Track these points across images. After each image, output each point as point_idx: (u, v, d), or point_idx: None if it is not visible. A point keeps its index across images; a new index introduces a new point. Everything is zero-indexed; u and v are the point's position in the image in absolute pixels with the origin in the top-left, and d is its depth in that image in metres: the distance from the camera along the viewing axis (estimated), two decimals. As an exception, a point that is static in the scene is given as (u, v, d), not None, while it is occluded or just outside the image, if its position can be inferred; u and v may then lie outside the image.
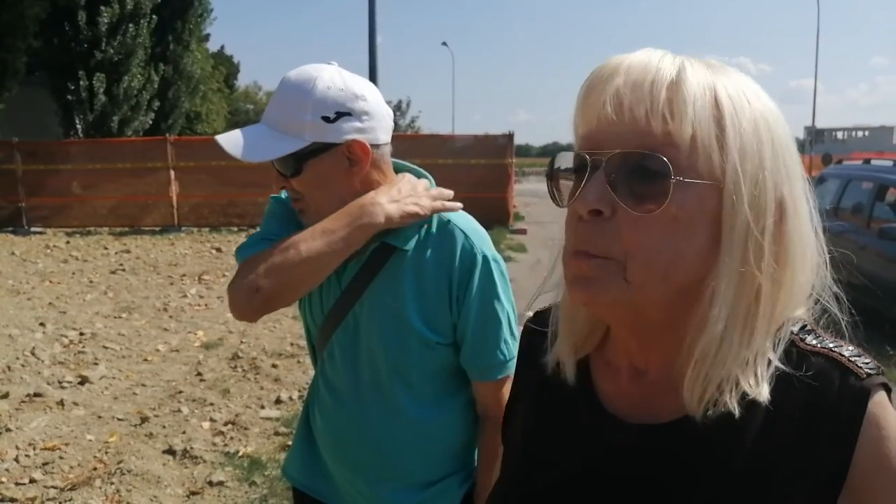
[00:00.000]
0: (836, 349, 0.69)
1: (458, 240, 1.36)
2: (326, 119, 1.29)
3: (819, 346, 0.69)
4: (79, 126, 19.03)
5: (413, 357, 1.37)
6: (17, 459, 3.79)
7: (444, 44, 60.21)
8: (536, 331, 0.90)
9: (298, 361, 5.55)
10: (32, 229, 14.11)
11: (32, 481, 3.56)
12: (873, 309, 7.39)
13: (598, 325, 0.81)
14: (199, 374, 5.25)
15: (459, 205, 1.39)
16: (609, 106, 0.67)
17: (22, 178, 14.11)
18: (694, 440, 0.68)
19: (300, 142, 1.29)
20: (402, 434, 1.41)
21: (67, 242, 12.74)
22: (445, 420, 1.43)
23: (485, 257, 1.36)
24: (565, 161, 0.73)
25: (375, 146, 1.35)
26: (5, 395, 4.68)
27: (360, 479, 1.45)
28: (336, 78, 1.32)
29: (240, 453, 3.89)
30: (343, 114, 1.30)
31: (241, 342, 6.05)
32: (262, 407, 4.60)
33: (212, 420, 4.35)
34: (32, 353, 5.66)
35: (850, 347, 0.70)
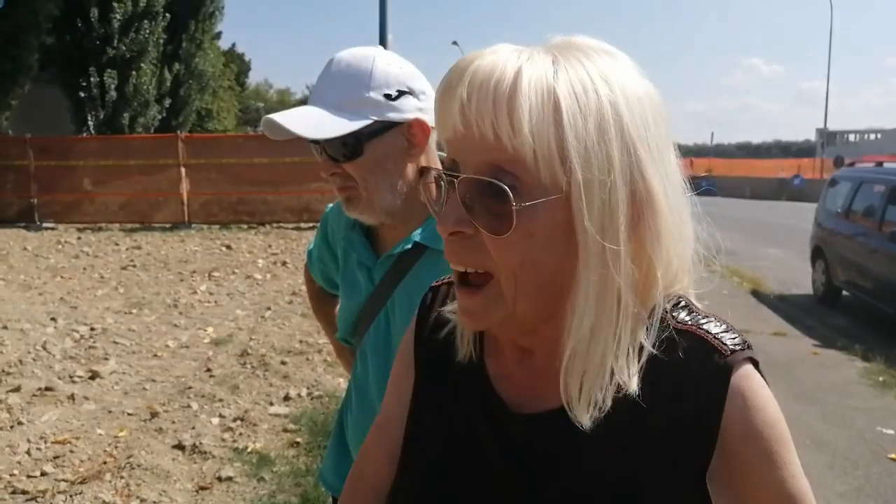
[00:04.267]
0: (704, 325, 0.70)
1: None
2: (388, 97, 1.22)
3: (690, 322, 0.70)
4: (90, 123, 19.15)
5: None
6: (28, 452, 3.82)
7: (455, 43, 60.12)
8: (428, 309, 0.89)
9: (307, 359, 5.57)
10: (44, 225, 14.20)
11: (43, 474, 3.59)
12: (884, 312, 7.35)
13: None
14: (208, 370, 5.27)
15: None
16: (458, 118, 0.64)
17: (34, 175, 14.20)
18: (574, 430, 0.67)
19: (364, 119, 1.20)
20: None
21: (79, 238, 12.82)
22: None
23: None
24: (433, 171, 0.72)
25: (432, 128, 1.25)
26: (17, 389, 4.71)
27: None
28: (392, 56, 1.26)
29: (249, 449, 3.91)
30: (405, 92, 1.23)
31: (251, 339, 6.08)
32: (271, 403, 4.62)
33: (221, 416, 4.37)
34: (44, 348, 5.70)
35: (719, 323, 0.71)
